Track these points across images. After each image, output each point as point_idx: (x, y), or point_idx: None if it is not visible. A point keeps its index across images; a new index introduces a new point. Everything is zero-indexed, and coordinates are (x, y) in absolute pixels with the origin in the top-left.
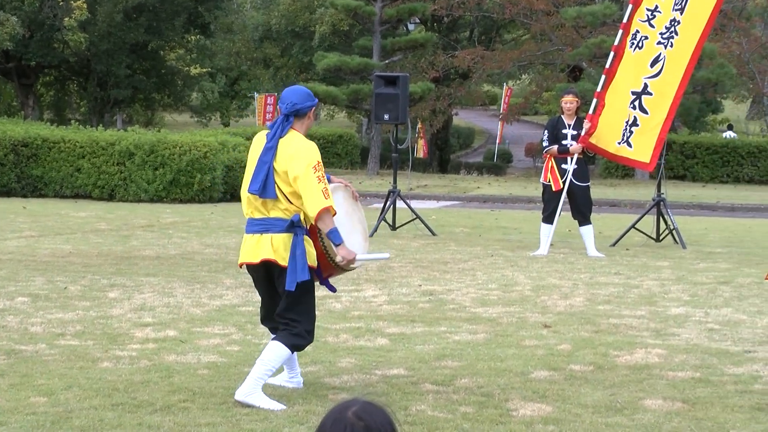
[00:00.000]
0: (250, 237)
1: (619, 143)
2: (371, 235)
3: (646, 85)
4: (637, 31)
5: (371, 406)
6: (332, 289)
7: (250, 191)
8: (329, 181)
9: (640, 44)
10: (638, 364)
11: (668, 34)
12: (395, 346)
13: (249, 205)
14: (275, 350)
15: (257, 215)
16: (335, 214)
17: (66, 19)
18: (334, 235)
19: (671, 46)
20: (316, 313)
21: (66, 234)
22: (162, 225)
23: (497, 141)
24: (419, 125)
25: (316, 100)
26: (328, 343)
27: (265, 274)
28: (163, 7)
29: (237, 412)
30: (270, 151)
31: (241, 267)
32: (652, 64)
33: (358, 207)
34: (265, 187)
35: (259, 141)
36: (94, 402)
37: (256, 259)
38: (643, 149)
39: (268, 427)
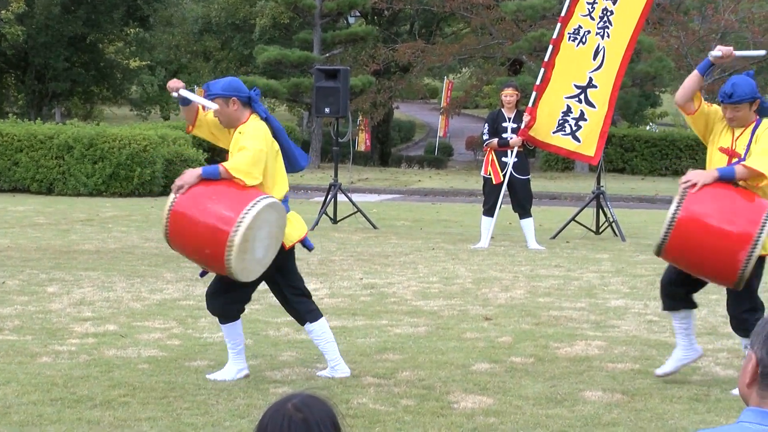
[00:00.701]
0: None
1: (556, 133)
2: (312, 229)
3: (591, 79)
4: (580, 26)
5: (312, 399)
6: None
7: (306, 165)
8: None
9: (583, 39)
10: (578, 356)
11: (602, 23)
12: (337, 339)
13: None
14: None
15: None
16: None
17: (3, 11)
18: None
19: (608, 36)
20: (257, 306)
21: (4, 228)
22: (101, 219)
23: (441, 134)
24: (360, 118)
25: None
26: (269, 336)
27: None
28: (101, 0)
29: (177, 407)
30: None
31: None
32: (594, 57)
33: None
34: None
35: (263, 125)
36: (32, 397)
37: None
38: (589, 142)
39: (209, 421)
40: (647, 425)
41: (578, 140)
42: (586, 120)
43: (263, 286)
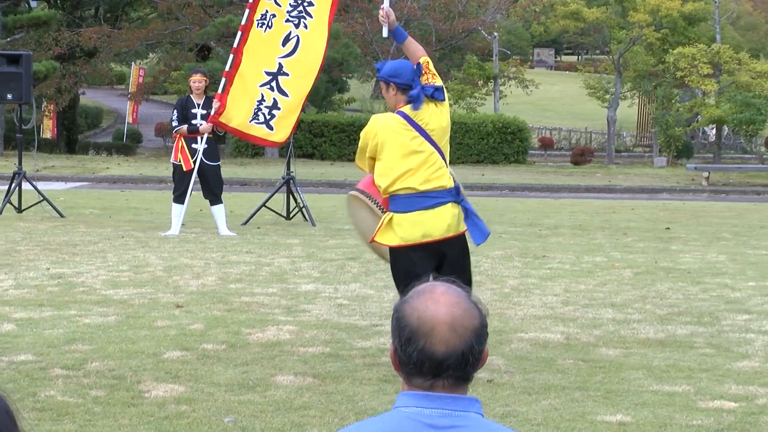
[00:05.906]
0: None
1: (252, 122)
2: None
3: (281, 66)
4: (267, 11)
5: None
6: None
7: None
8: None
9: (269, 23)
10: (270, 341)
11: (296, 13)
12: (23, 332)
13: None
14: None
15: None
16: None
17: None
18: None
19: (305, 27)
20: None
21: None
22: None
23: (130, 120)
24: (45, 104)
25: None
26: None
27: None
28: None
29: None
30: None
31: None
32: (284, 43)
33: None
34: None
35: None
36: None
37: None
38: (283, 131)
39: None
40: (338, 407)
41: (271, 129)
42: (279, 108)
43: None
